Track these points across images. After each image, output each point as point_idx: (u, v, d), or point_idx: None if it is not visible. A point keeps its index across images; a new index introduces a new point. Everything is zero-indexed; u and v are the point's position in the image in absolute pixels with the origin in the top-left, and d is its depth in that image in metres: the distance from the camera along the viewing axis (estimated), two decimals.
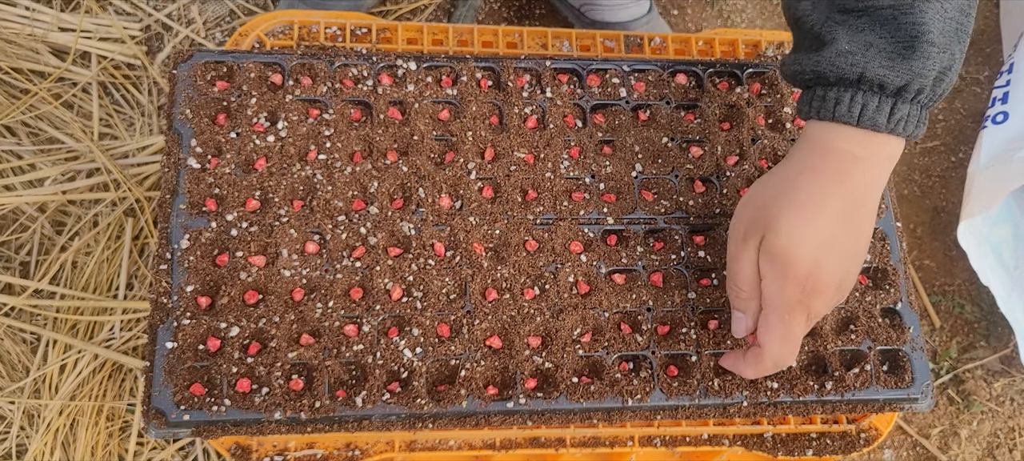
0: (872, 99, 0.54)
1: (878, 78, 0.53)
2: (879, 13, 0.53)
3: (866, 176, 0.55)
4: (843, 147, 0.55)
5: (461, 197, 0.66)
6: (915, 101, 0.54)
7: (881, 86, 0.53)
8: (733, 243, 0.58)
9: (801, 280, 0.54)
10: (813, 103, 0.56)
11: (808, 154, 0.56)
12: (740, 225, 0.57)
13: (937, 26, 0.52)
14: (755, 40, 0.80)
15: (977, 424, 0.99)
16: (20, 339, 0.86)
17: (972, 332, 1.04)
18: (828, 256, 0.54)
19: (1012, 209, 1.03)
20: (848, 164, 0.55)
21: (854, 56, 0.53)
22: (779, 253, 0.54)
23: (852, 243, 0.55)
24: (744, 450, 0.68)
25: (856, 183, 0.55)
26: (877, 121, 0.54)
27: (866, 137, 0.55)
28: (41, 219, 0.90)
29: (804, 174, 0.55)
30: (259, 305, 0.61)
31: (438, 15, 1.10)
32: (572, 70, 0.73)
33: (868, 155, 0.55)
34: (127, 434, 0.84)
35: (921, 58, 0.52)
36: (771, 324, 0.55)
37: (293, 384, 0.59)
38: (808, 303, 0.54)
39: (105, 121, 0.96)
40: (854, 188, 0.55)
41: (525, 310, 0.63)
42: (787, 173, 0.56)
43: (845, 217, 0.54)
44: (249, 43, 0.73)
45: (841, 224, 0.54)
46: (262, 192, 0.65)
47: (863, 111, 0.54)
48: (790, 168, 0.57)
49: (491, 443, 0.66)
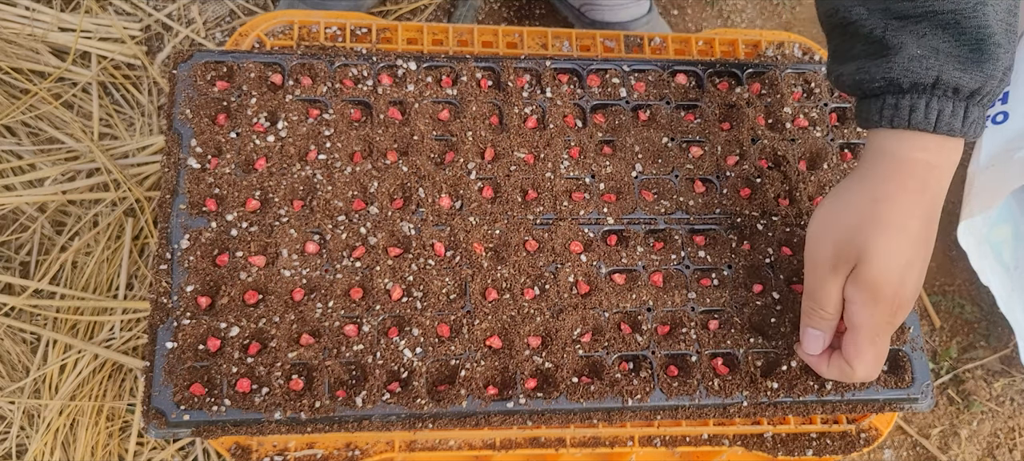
0: (948, 104, 0.53)
1: (954, 82, 0.52)
2: (941, 17, 0.52)
3: (940, 184, 0.55)
4: (920, 156, 0.54)
5: (461, 197, 0.66)
6: (982, 102, 0.54)
7: (957, 90, 0.52)
8: (819, 270, 0.57)
9: (890, 303, 0.54)
10: (884, 111, 0.55)
11: (885, 169, 0.55)
12: (825, 252, 0.56)
13: (997, 27, 0.52)
14: (755, 40, 0.80)
15: (977, 424, 0.99)
16: (20, 339, 0.86)
17: (972, 332, 1.04)
18: (911, 273, 0.54)
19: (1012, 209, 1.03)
20: (926, 174, 0.54)
21: (927, 60, 0.52)
22: (872, 282, 0.54)
23: (927, 254, 0.55)
24: (744, 450, 0.68)
25: (934, 193, 0.54)
26: (953, 126, 0.53)
27: (941, 143, 0.54)
28: (41, 219, 0.90)
29: (887, 196, 0.54)
30: (259, 305, 0.61)
31: (438, 15, 1.10)
32: (572, 70, 0.73)
33: (942, 162, 0.54)
34: (127, 434, 0.84)
35: (991, 60, 0.52)
36: (862, 348, 0.56)
37: (293, 384, 0.59)
38: (894, 322, 0.55)
39: (105, 121, 0.96)
40: (932, 199, 0.54)
41: (525, 310, 0.63)
42: (866, 194, 0.55)
43: (924, 232, 0.54)
44: (249, 43, 0.73)
45: (921, 240, 0.54)
46: (262, 192, 0.65)
47: (940, 117, 0.53)
48: (867, 187, 0.55)
49: (491, 443, 0.66)
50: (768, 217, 0.69)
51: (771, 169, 0.71)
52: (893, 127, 0.54)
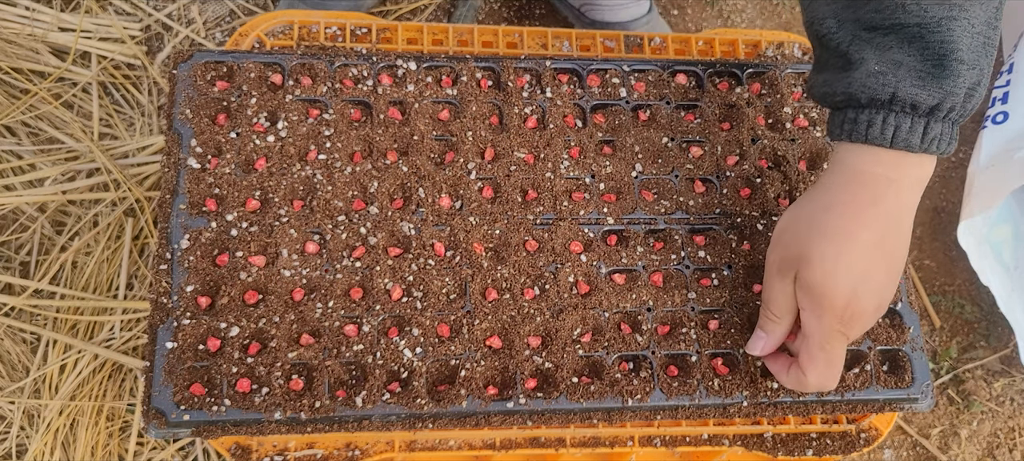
0: (905, 120, 0.53)
1: (910, 98, 0.52)
2: (906, 31, 0.52)
3: (899, 199, 0.55)
4: (875, 171, 0.54)
5: (461, 197, 0.66)
6: (947, 119, 0.53)
7: (914, 106, 0.52)
8: (769, 272, 0.58)
9: (839, 311, 0.54)
10: (844, 125, 0.55)
11: (840, 180, 0.56)
12: (775, 257, 0.58)
13: (965, 42, 0.51)
14: (755, 40, 0.80)
15: (977, 424, 0.99)
16: (20, 339, 0.86)
17: (972, 332, 1.04)
18: (864, 285, 0.54)
19: (1012, 209, 1.03)
20: (881, 188, 0.54)
21: (885, 76, 0.53)
22: (815, 287, 0.54)
23: (887, 268, 0.55)
24: (744, 450, 0.68)
25: (889, 207, 0.54)
26: (911, 142, 0.53)
27: (899, 158, 0.54)
28: (41, 219, 0.90)
29: (836, 205, 0.55)
30: (259, 305, 0.61)
31: (438, 15, 1.10)
32: (572, 70, 0.73)
33: (900, 177, 0.54)
34: (127, 434, 0.84)
35: (952, 77, 0.51)
36: (813, 354, 0.56)
37: (293, 384, 0.59)
38: (847, 331, 0.55)
39: (105, 121, 0.96)
40: (887, 212, 0.54)
41: (525, 310, 0.63)
42: (819, 202, 0.56)
43: (879, 244, 0.54)
44: (249, 43, 0.73)
45: (876, 251, 0.54)
46: (262, 192, 0.65)
47: (896, 132, 0.53)
48: (822, 196, 0.56)
49: (491, 443, 0.66)
50: (768, 217, 0.69)
51: (771, 169, 0.71)
52: (852, 141, 0.55)
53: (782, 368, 0.60)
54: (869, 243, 0.54)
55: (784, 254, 0.57)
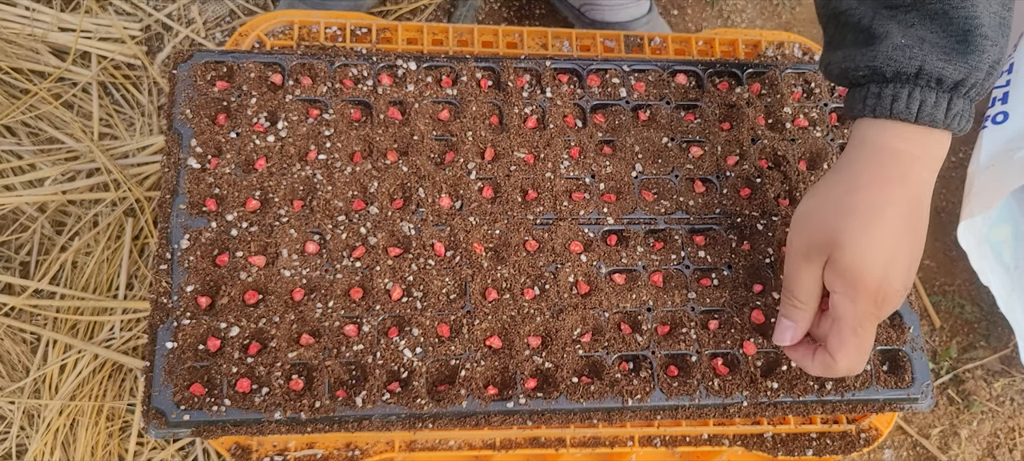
0: (930, 95, 0.52)
1: (937, 72, 0.52)
2: (929, 7, 0.52)
3: (922, 175, 0.54)
4: (900, 147, 0.54)
5: (461, 197, 0.66)
6: (968, 95, 0.53)
7: (939, 81, 0.52)
8: (793, 259, 0.57)
9: (873, 294, 0.53)
10: (867, 101, 0.54)
11: (865, 158, 0.55)
12: (801, 240, 0.56)
13: (987, 18, 0.51)
14: (755, 40, 0.80)
15: (977, 424, 0.99)
16: (20, 339, 0.86)
17: (972, 332, 1.04)
18: (895, 265, 0.53)
19: (1012, 209, 1.03)
20: (906, 164, 0.54)
21: (911, 49, 0.52)
22: (848, 269, 0.53)
23: (914, 246, 0.55)
24: (744, 450, 0.68)
25: (914, 184, 0.54)
26: (936, 117, 0.52)
27: (923, 134, 0.53)
28: (41, 219, 0.90)
29: (863, 185, 0.54)
30: (259, 305, 0.61)
31: (438, 15, 1.10)
32: (572, 70, 0.73)
33: (924, 153, 0.54)
34: (127, 434, 0.84)
35: (977, 52, 0.51)
36: (845, 338, 0.55)
37: (293, 384, 0.59)
38: (879, 314, 0.55)
39: (105, 121, 0.96)
40: (913, 190, 0.54)
41: (525, 310, 0.63)
42: (845, 182, 0.55)
43: (907, 222, 0.54)
44: (249, 43, 0.73)
45: (904, 230, 0.54)
46: (262, 192, 0.65)
47: (922, 107, 0.52)
48: (848, 176, 0.55)
49: (491, 443, 0.66)
50: (768, 217, 0.69)
51: (771, 169, 0.71)
52: (875, 116, 0.54)
53: (806, 354, 0.59)
54: (898, 221, 0.53)
55: (811, 239, 0.55)
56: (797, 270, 0.57)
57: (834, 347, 0.56)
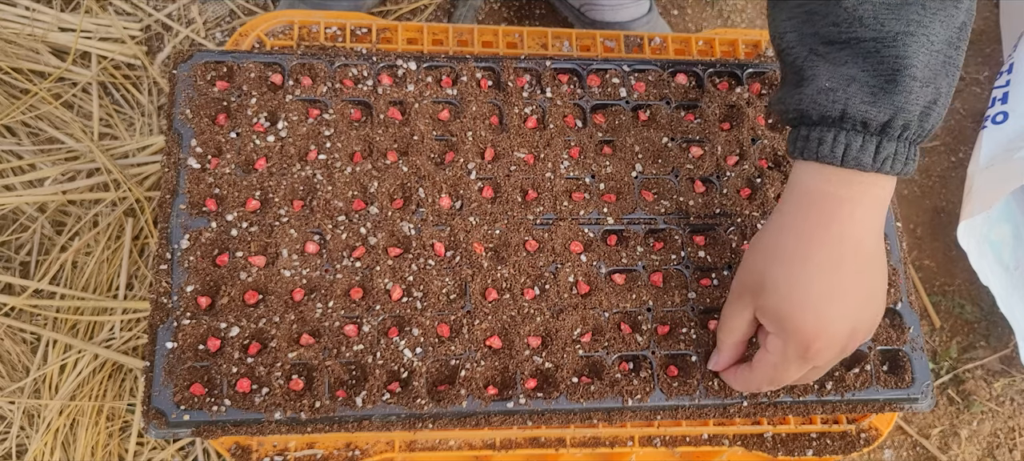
0: (856, 138, 0.51)
1: (861, 115, 0.51)
2: (862, 45, 0.51)
3: (853, 217, 0.53)
4: (827, 190, 0.53)
5: (461, 197, 0.66)
6: (901, 138, 0.52)
7: (864, 124, 0.51)
8: (730, 296, 0.59)
9: (807, 339, 0.53)
10: (797, 142, 0.54)
11: (793, 201, 0.55)
12: (736, 282, 0.58)
13: (921, 59, 0.50)
14: (755, 40, 0.80)
15: (977, 424, 0.99)
16: (20, 339, 0.86)
17: (972, 332, 1.04)
18: (829, 308, 0.52)
19: (1012, 209, 1.03)
20: (832, 208, 0.53)
21: (835, 93, 0.51)
22: (773, 312, 0.54)
23: (857, 289, 0.54)
24: (744, 450, 0.68)
25: (843, 227, 0.53)
26: (862, 160, 0.51)
27: (850, 177, 0.53)
28: (41, 219, 0.90)
29: (788, 227, 0.54)
30: (259, 305, 0.61)
31: (438, 15, 1.10)
32: (572, 70, 0.73)
33: (855, 196, 0.53)
34: (127, 434, 0.84)
35: (903, 93, 0.50)
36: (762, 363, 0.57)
37: (293, 384, 0.59)
38: (813, 359, 0.54)
39: (105, 121, 0.96)
40: (841, 233, 0.53)
41: (525, 310, 0.63)
42: (775, 226, 0.56)
43: (837, 267, 0.52)
44: (249, 43, 0.73)
45: (835, 274, 0.52)
46: (262, 192, 0.65)
47: (847, 151, 0.52)
48: (777, 219, 0.56)
49: (491, 443, 0.66)
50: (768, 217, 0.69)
51: (771, 169, 0.71)
52: (804, 158, 0.54)
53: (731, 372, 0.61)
54: (825, 265, 0.52)
55: (743, 279, 0.57)
56: (730, 307, 0.59)
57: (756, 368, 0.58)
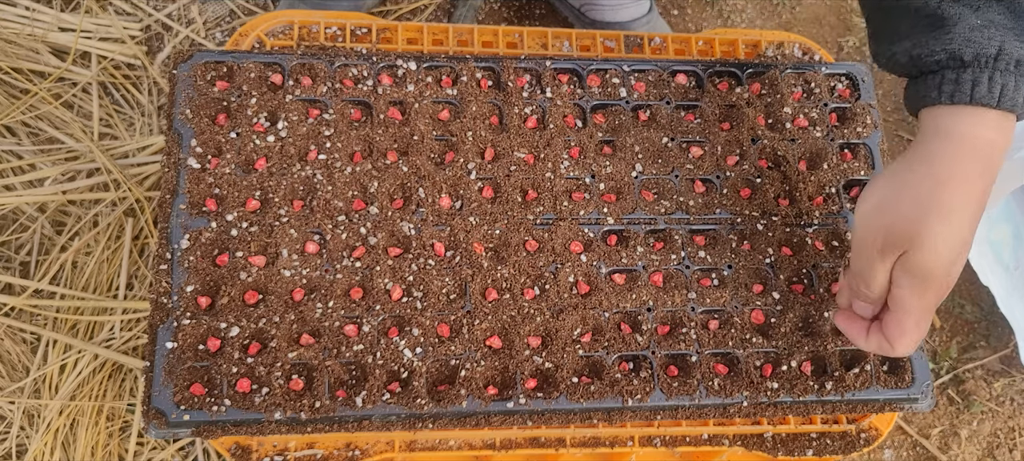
0: (1010, 79, 0.50)
1: (1017, 54, 0.50)
2: None
3: (999, 164, 0.52)
4: (981, 134, 0.51)
5: (461, 197, 0.66)
6: None
7: (1019, 63, 0.50)
8: (866, 252, 0.54)
9: (940, 288, 0.52)
10: (944, 87, 0.52)
11: (947, 150, 0.52)
12: (875, 234, 0.53)
13: None
14: (755, 40, 0.80)
15: (977, 424, 0.99)
16: (20, 339, 0.86)
17: (972, 332, 1.04)
18: (960, 258, 0.52)
19: (1012, 209, 1.03)
20: (988, 154, 0.51)
21: (989, 30, 0.50)
22: (922, 268, 0.52)
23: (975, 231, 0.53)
24: (744, 450, 0.68)
25: (994, 174, 0.52)
26: (1016, 101, 0.50)
27: (1001, 120, 0.51)
28: (41, 219, 0.90)
29: (947, 180, 0.51)
30: (259, 305, 0.61)
31: (438, 15, 1.10)
32: (572, 70, 0.73)
33: (1001, 140, 0.52)
34: (127, 434, 0.84)
35: None
36: (907, 328, 0.54)
37: (293, 384, 0.59)
38: (939, 302, 0.54)
39: (105, 121, 0.96)
40: (992, 180, 0.52)
41: (525, 310, 0.63)
42: (928, 177, 0.52)
43: (978, 217, 0.52)
44: (249, 43, 0.73)
45: (973, 224, 0.52)
46: (262, 192, 0.65)
47: (1003, 92, 0.50)
48: (929, 169, 0.52)
49: (491, 443, 0.66)
50: (768, 217, 0.69)
51: (771, 169, 0.71)
52: (954, 103, 0.52)
53: (860, 331, 0.57)
54: (975, 215, 0.52)
55: (888, 234, 0.52)
56: (871, 265, 0.54)
57: (895, 336, 0.54)
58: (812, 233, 0.69)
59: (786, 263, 0.67)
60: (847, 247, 0.69)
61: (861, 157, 0.73)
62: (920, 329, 0.54)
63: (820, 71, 0.75)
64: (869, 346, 0.57)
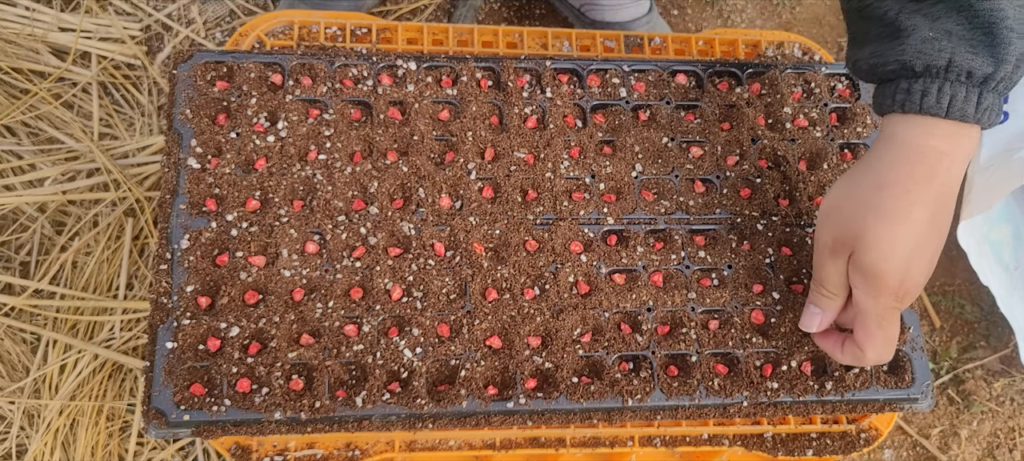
0: (960, 89, 0.52)
1: (966, 65, 0.51)
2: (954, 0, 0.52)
3: (950, 173, 0.53)
4: (929, 143, 0.53)
5: (461, 197, 0.66)
6: (997, 89, 0.53)
7: (969, 74, 0.51)
8: (821, 251, 0.57)
9: (894, 290, 0.54)
10: (896, 96, 0.54)
11: (893, 155, 0.54)
12: (827, 234, 0.56)
13: (1011, 12, 0.51)
14: (755, 40, 0.80)
15: (977, 424, 0.99)
16: (20, 339, 0.86)
17: (972, 332, 1.04)
18: (918, 261, 0.54)
19: (1012, 209, 1.03)
20: (934, 162, 0.53)
21: (940, 42, 0.51)
22: (870, 268, 0.54)
23: (937, 242, 0.55)
24: (744, 450, 0.68)
25: (942, 182, 0.53)
26: (966, 111, 0.52)
27: (952, 130, 0.53)
28: (41, 219, 0.90)
29: (890, 183, 0.53)
30: (259, 305, 0.61)
31: (438, 15, 1.10)
32: (572, 70, 0.73)
33: (953, 149, 0.53)
34: (127, 434, 0.84)
35: (1003, 45, 0.51)
36: (871, 331, 0.56)
37: (293, 384, 0.59)
38: (901, 306, 0.55)
39: (105, 121, 0.96)
40: (940, 188, 0.53)
41: (525, 310, 0.63)
42: (872, 180, 0.54)
43: (932, 221, 0.53)
44: (249, 43, 0.73)
45: (928, 228, 0.53)
46: (262, 192, 0.65)
47: (952, 102, 0.52)
48: (874, 173, 0.55)
49: (491, 443, 0.66)
50: (768, 217, 0.69)
51: (771, 169, 0.71)
52: (904, 112, 0.53)
53: (835, 345, 0.60)
54: (923, 221, 0.53)
55: (837, 234, 0.55)
56: (823, 263, 0.57)
57: (862, 340, 0.57)
58: (812, 233, 0.69)
59: (786, 263, 0.68)
60: None
61: (861, 157, 0.73)
62: (883, 332, 0.56)
63: (820, 71, 0.75)
64: (845, 359, 0.59)
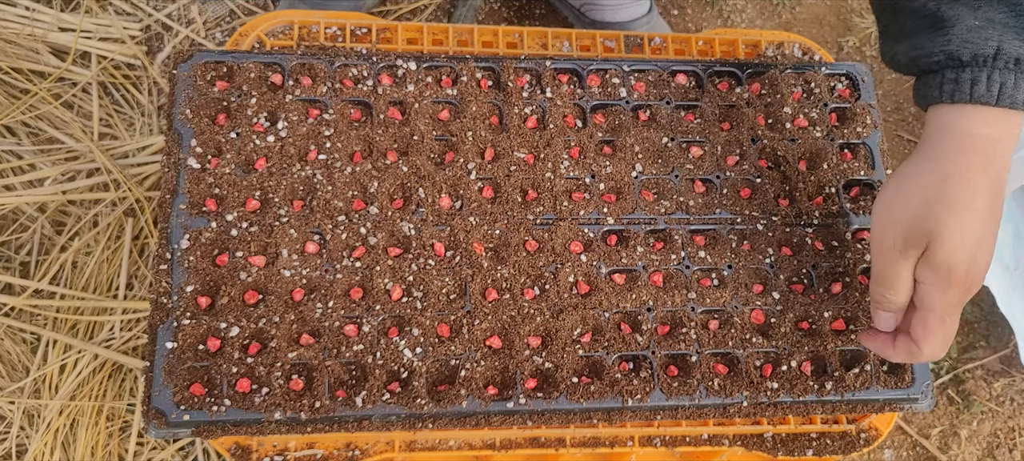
0: (1009, 76, 0.52)
1: (1015, 52, 0.51)
2: None
3: (1003, 160, 0.53)
4: (982, 132, 0.53)
5: (461, 197, 0.66)
6: None
7: (1017, 61, 0.51)
8: (888, 254, 0.55)
9: (963, 284, 0.53)
10: (944, 87, 0.53)
11: (950, 147, 0.54)
12: (894, 235, 0.55)
13: None
14: (755, 40, 0.80)
15: (977, 424, 0.99)
16: (20, 339, 0.86)
17: (972, 332, 1.04)
18: (982, 252, 0.53)
19: (1012, 209, 1.03)
20: (990, 150, 0.53)
21: (986, 30, 0.51)
22: (944, 263, 0.53)
23: (996, 229, 0.54)
24: (744, 450, 0.68)
25: (999, 169, 0.53)
26: (1016, 98, 0.52)
27: (1003, 117, 0.53)
28: (41, 219, 0.90)
29: (952, 174, 0.53)
30: (259, 305, 0.61)
31: (438, 15, 1.10)
32: (572, 70, 0.73)
33: (1004, 136, 0.53)
34: (127, 434, 0.84)
35: None
36: (932, 328, 0.55)
37: (293, 384, 0.59)
38: (965, 299, 0.54)
39: (105, 121, 0.96)
40: (997, 174, 0.53)
41: (525, 310, 0.63)
42: (935, 173, 0.54)
43: (992, 209, 0.53)
44: (249, 43, 0.73)
45: (990, 216, 0.53)
46: (262, 192, 0.65)
47: (1002, 89, 0.52)
48: (932, 166, 0.54)
49: (491, 443, 0.66)
50: (768, 217, 0.69)
51: (771, 169, 0.71)
52: (954, 102, 0.53)
53: (886, 344, 0.58)
54: (986, 210, 0.53)
55: (907, 233, 0.54)
56: (893, 265, 0.55)
57: (920, 336, 0.55)
58: (812, 233, 0.69)
59: (786, 263, 0.68)
60: (847, 247, 0.69)
61: (861, 157, 0.73)
62: (945, 328, 0.55)
63: (820, 71, 0.75)
64: (897, 356, 0.58)
